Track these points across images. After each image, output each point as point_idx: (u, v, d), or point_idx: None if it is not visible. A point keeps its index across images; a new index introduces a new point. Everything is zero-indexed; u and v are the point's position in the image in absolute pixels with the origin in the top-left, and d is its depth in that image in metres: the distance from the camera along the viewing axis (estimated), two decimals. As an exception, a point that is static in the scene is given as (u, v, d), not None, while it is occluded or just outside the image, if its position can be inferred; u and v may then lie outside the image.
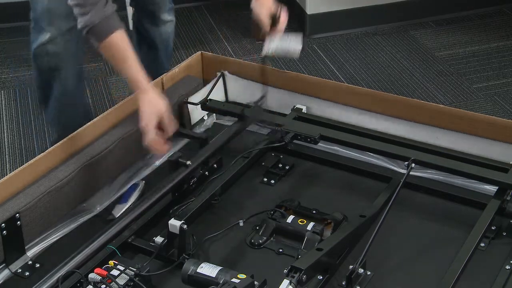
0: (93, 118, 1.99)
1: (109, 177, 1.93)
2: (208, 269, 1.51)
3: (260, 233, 1.75)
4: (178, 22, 3.03)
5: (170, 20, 2.68)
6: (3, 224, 1.64)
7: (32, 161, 1.78)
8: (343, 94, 2.10)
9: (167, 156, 2.02)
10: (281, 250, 1.71)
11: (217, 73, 2.27)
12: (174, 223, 1.65)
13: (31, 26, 2.41)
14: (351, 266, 1.58)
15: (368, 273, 1.62)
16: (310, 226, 1.71)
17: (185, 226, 1.65)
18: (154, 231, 1.76)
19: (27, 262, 1.71)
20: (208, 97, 2.16)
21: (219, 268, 1.51)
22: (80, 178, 1.82)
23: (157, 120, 1.83)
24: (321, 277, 1.59)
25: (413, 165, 1.79)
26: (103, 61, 3.49)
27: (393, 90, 3.24)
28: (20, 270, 1.69)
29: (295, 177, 1.99)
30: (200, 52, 2.33)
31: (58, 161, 1.82)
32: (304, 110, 2.14)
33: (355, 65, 3.48)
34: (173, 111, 2.10)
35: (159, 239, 1.69)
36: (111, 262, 1.57)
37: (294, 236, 1.72)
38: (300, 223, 1.73)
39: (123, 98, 2.35)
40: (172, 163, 1.90)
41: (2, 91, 3.35)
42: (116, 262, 1.57)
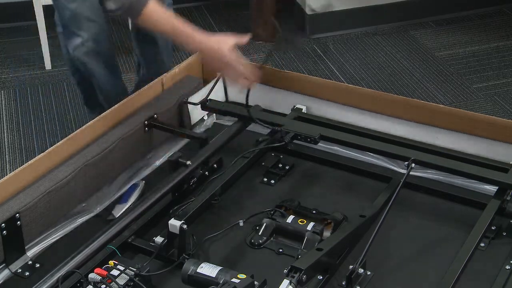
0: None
1: (109, 177, 1.93)
2: (208, 269, 1.51)
3: (260, 233, 1.75)
4: (178, 22, 3.03)
5: None
6: (3, 224, 1.64)
7: (32, 161, 1.78)
8: (343, 94, 2.10)
9: (167, 156, 2.02)
10: (281, 250, 1.71)
11: (217, 73, 2.26)
12: (174, 223, 1.65)
13: (58, 31, 2.56)
14: (351, 266, 1.57)
15: (368, 273, 1.62)
16: (310, 226, 1.71)
17: (185, 226, 1.65)
18: (154, 231, 1.76)
19: (27, 262, 1.70)
20: (208, 97, 2.15)
21: (219, 268, 1.51)
22: (80, 178, 1.82)
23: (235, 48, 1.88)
24: (321, 277, 1.59)
25: (413, 165, 1.78)
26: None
27: (393, 90, 3.24)
28: (20, 270, 1.68)
29: (295, 177, 1.99)
30: (200, 52, 2.32)
31: (58, 161, 1.82)
32: (304, 110, 2.14)
33: (355, 65, 3.48)
34: (173, 111, 2.11)
35: (159, 239, 1.69)
36: (111, 262, 1.57)
37: (294, 236, 1.72)
38: (300, 223, 1.73)
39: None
40: (172, 163, 1.90)
41: (2, 91, 3.35)
42: (116, 262, 1.57)
